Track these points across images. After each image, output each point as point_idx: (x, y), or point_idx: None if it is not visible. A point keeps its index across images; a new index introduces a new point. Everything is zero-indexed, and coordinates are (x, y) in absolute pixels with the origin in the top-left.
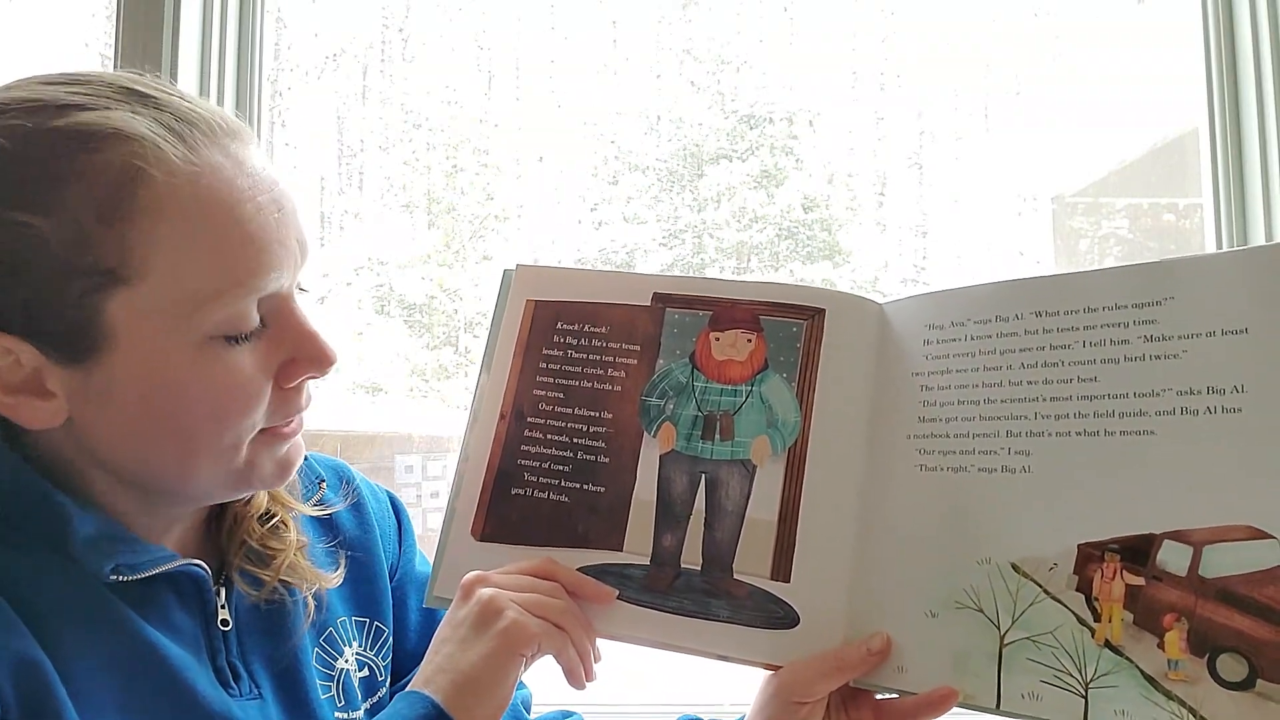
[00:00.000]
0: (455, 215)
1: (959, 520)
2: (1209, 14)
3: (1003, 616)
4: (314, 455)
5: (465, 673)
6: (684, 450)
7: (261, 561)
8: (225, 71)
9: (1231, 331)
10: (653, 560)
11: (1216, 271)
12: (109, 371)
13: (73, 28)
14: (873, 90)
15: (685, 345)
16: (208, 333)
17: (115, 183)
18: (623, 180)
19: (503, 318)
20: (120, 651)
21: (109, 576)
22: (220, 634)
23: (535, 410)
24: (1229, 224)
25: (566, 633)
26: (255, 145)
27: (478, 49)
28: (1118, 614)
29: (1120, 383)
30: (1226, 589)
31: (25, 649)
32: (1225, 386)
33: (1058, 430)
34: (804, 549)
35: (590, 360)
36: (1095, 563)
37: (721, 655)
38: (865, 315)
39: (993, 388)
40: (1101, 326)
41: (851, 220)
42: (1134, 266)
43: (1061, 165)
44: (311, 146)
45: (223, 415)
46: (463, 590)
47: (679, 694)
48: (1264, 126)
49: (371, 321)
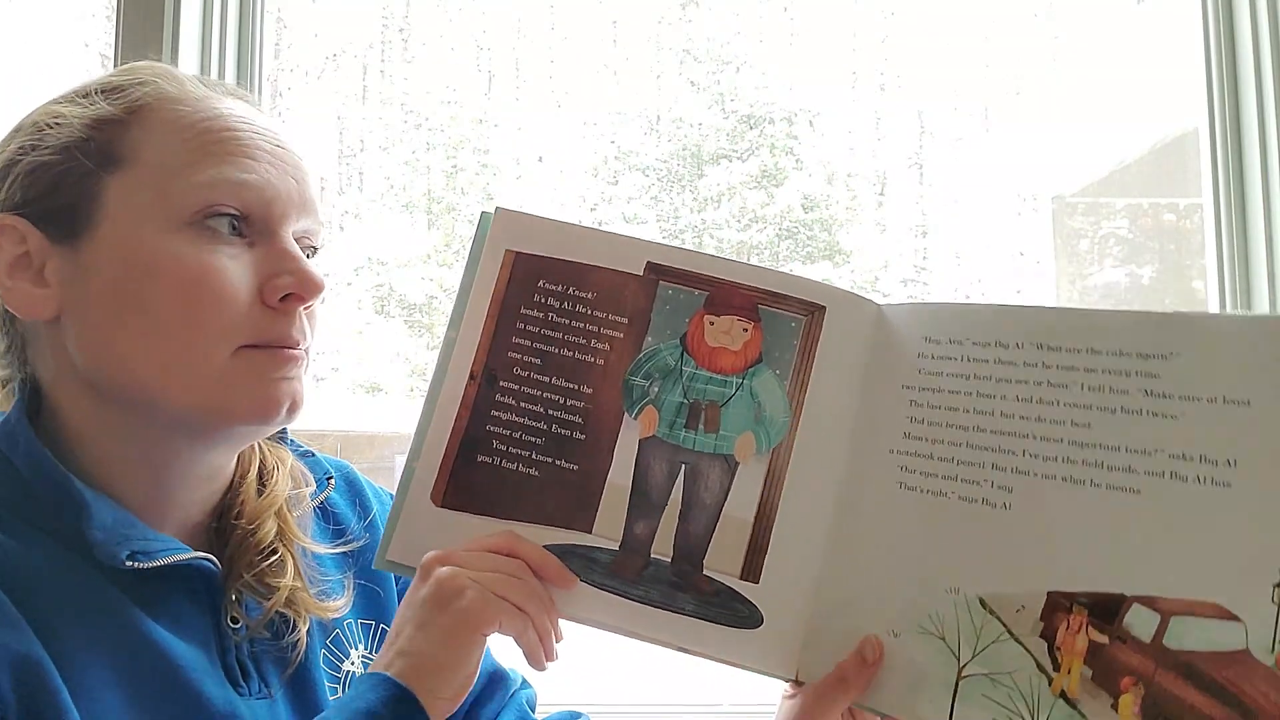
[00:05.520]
0: (455, 215)
1: (933, 545)
2: (1209, 14)
3: (964, 648)
4: (322, 455)
5: (426, 653)
6: (665, 437)
7: (258, 593)
8: (225, 72)
9: (1233, 401)
10: (622, 546)
11: (1228, 334)
12: (94, 254)
13: (73, 28)
14: (873, 90)
15: (677, 325)
16: (184, 213)
17: (135, 90)
18: (623, 180)
19: (478, 267)
20: (125, 648)
21: (125, 563)
22: (230, 631)
23: (509, 374)
24: (1229, 224)
25: (527, 614)
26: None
27: (478, 49)
28: (1077, 667)
29: (1114, 434)
30: (1188, 663)
31: (26, 647)
32: (1219, 458)
33: (1044, 472)
34: (776, 552)
35: (573, 327)
36: (1063, 612)
37: (681, 647)
38: (864, 317)
39: (984, 415)
40: (1103, 371)
41: (851, 220)
42: (1145, 313)
43: (1061, 165)
44: (311, 146)
45: (193, 305)
46: (422, 570)
47: (680, 694)
48: (1264, 126)
49: (371, 321)
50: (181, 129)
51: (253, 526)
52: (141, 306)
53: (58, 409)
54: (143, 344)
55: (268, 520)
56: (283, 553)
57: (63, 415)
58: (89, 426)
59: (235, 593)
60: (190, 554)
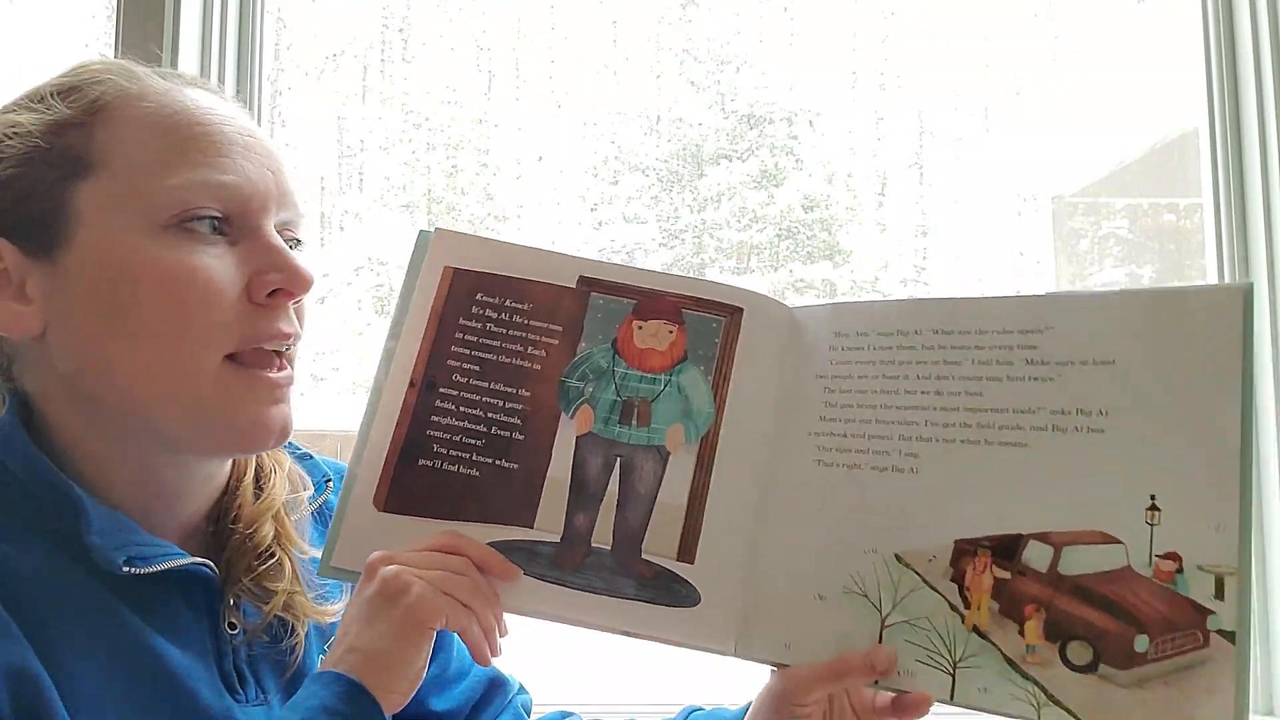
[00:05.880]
0: (455, 215)
1: (851, 513)
2: (1209, 14)
3: (885, 601)
4: (321, 458)
5: (376, 649)
6: (601, 433)
7: (256, 598)
8: (225, 72)
9: (1101, 362)
10: (564, 538)
11: (1093, 308)
12: (74, 265)
13: (73, 28)
14: (873, 90)
15: (608, 331)
16: (162, 216)
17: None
18: (623, 180)
19: (416, 283)
20: (122, 655)
21: (121, 568)
22: (228, 637)
23: (448, 381)
24: (1229, 224)
25: (472, 610)
26: (242, 107)
27: (478, 49)
28: (985, 603)
29: (1002, 399)
30: (1080, 585)
31: (21, 658)
32: (1091, 409)
33: (944, 437)
34: (709, 533)
35: (510, 336)
36: (969, 557)
37: (625, 631)
38: (778, 317)
39: (890, 394)
40: (990, 348)
41: (851, 220)
42: (1023, 297)
43: (1061, 165)
44: (311, 146)
45: (179, 307)
46: (367, 570)
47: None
48: (1264, 126)
49: (371, 321)
50: (149, 127)
51: (250, 530)
52: (126, 314)
53: (49, 419)
54: (130, 356)
55: (265, 524)
56: (280, 556)
57: (54, 425)
58: (81, 434)
59: (233, 597)
60: (188, 559)
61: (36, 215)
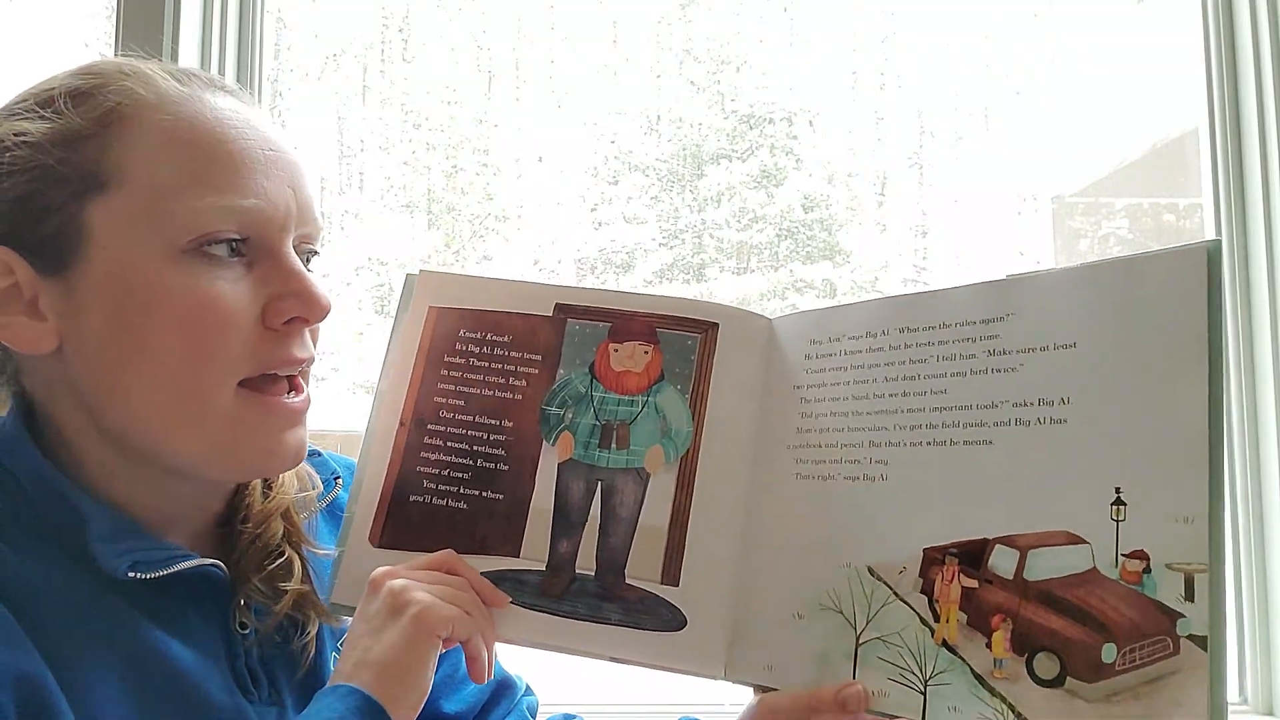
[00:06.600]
0: (455, 215)
1: (826, 526)
2: (1209, 14)
3: (859, 617)
4: (330, 455)
5: (385, 661)
6: (581, 458)
7: (266, 597)
8: (225, 72)
9: (1062, 346)
10: (548, 566)
11: (1052, 287)
12: (87, 284)
13: (73, 28)
14: (873, 90)
15: (585, 355)
16: (180, 240)
17: (106, 97)
18: (623, 180)
19: (403, 324)
20: (131, 660)
21: (126, 574)
22: (240, 638)
23: (436, 418)
24: (1229, 224)
25: (476, 621)
26: (259, 109)
27: (478, 49)
28: (954, 614)
29: (966, 395)
30: (1046, 590)
31: (29, 665)
32: (1054, 398)
33: (912, 440)
34: (692, 554)
35: (492, 369)
36: (937, 566)
37: (613, 657)
38: (755, 330)
39: (860, 400)
40: (953, 342)
41: (851, 220)
42: (984, 284)
43: (1061, 165)
44: (311, 146)
45: (195, 336)
46: (371, 585)
47: (679, 694)
48: (1264, 126)
49: (371, 321)
50: (167, 144)
51: (259, 529)
52: (142, 342)
53: (56, 423)
54: (147, 384)
55: (274, 522)
56: (290, 555)
57: (62, 430)
58: (90, 442)
59: (243, 597)
60: (196, 560)
61: (48, 231)
